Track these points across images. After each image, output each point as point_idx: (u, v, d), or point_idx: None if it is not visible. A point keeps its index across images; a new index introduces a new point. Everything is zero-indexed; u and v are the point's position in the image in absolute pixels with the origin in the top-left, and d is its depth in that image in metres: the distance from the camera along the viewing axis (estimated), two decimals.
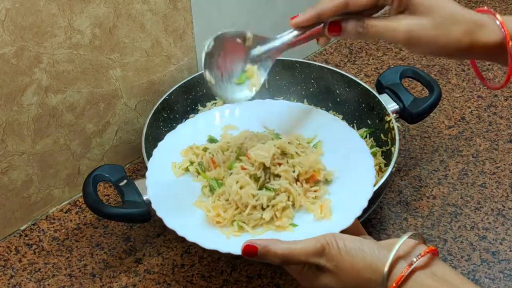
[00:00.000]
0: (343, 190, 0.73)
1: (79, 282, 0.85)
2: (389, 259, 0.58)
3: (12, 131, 0.84)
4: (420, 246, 0.61)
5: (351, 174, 0.74)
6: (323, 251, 0.61)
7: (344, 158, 0.75)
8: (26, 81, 0.81)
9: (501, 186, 0.97)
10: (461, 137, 1.05)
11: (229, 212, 0.70)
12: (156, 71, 0.96)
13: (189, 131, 0.82)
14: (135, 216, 0.78)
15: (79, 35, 0.83)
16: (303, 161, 0.73)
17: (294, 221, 0.70)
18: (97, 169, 0.82)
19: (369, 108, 0.96)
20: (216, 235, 0.69)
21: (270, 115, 0.82)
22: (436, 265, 0.59)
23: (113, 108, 0.94)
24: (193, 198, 0.75)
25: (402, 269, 0.58)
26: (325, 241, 0.61)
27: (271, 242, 0.62)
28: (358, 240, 0.61)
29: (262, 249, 0.62)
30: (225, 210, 0.71)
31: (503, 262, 0.87)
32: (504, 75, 1.17)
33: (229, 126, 0.82)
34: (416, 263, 0.58)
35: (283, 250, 0.61)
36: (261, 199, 0.70)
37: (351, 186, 0.72)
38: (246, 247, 0.62)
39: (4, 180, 0.86)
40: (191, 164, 0.78)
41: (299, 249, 0.61)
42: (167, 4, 0.91)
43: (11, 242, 0.90)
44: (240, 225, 0.70)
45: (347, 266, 0.60)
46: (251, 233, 0.69)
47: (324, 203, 0.71)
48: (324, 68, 1.00)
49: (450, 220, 0.92)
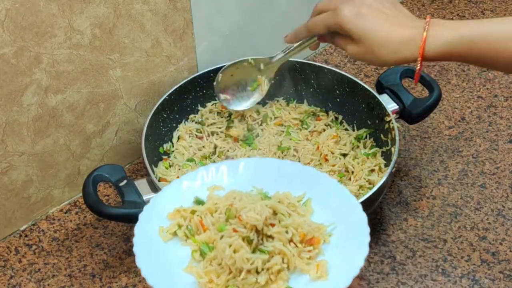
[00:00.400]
0: (338, 249, 0.70)
1: (79, 282, 0.85)
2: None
3: (12, 131, 0.84)
4: None
5: (344, 231, 0.71)
6: None
7: (335, 215, 0.72)
8: (26, 81, 0.81)
9: (501, 187, 0.97)
10: (461, 137, 1.05)
11: (222, 278, 0.67)
12: (156, 71, 0.96)
13: (175, 193, 0.77)
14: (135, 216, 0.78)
15: (79, 35, 0.83)
16: (296, 221, 0.71)
17: (289, 284, 0.67)
18: (97, 169, 0.82)
19: (369, 108, 0.96)
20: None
21: (257, 174, 0.78)
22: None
23: (113, 108, 0.94)
24: (183, 263, 0.71)
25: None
26: None
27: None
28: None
29: None
30: (218, 276, 0.68)
31: (503, 263, 0.87)
32: (504, 76, 1.17)
33: (215, 186, 0.78)
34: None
35: None
36: (255, 262, 0.67)
37: (345, 245, 0.69)
38: None
39: (4, 180, 0.86)
40: (179, 227, 0.74)
41: None
42: (167, 4, 0.91)
43: (11, 242, 0.90)
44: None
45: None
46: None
47: (320, 264, 0.68)
48: (324, 68, 1.00)
49: (450, 221, 0.92)
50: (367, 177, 0.90)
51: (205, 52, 1.01)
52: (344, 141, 0.96)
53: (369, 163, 0.92)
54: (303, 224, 0.70)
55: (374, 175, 0.90)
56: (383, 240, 0.90)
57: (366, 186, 0.89)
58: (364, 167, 0.91)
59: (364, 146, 0.96)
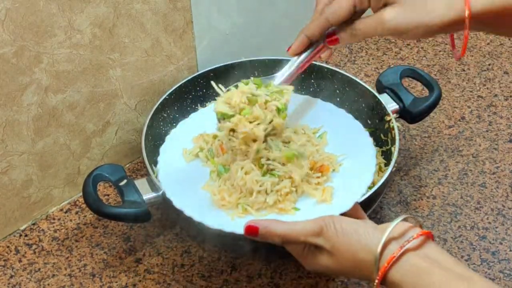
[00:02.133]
0: (345, 178, 0.76)
1: (79, 282, 0.85)
2: (381, 241, 0.60)
3: (12, 130, 0.84)
4: (415, 229, 0.62)
5: (353, 163, 0.78)
6: (321, 231, 0.63)
7: (347, 148, 0.79)
8: (26, 81, 0.81)
9: (501, 186, 0.97)
10: (461, 137, 1.05)
11: (234, 196, 0.74)
12: (156, 71, 0.96)
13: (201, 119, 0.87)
14: (135, 216, 0.78)
15: (79, 35, 0.83)
16: (309, 150, 0.78)
17: (296, 205, 0.73)
18: (97, 169, 0.82)
19: (369, 108, 0.96)
20: (221, 216, 0.73)
21: None
22: (429, 247, 0.60)
23: (113, 108, 0.94)
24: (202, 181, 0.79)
25: (394, 250, 0.59)
26: (323, 222, 0.63)
27: (272, 222, 0.65)
28: (355, 223, 0.63)
29: (263, 229, 0.65)
30: (230, 194, 0.74)
31: (503, 262, 0.87)
32: (504, 75, 1.17)
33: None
34: (408, 245, 0.59)
35: (283, 230, 0.64)
36: (265, 184, 0.73)
37: (352, 174, 0.76)
38: (248, 227, 0.65)
39: (4, 180, 0.86)
40: (201, 150, 0.83)
41: (298, 229, 0.64)
42: (167, 4, 0.91)
43: (11, 242, 0.90)
44: (244, 208, 0.73)
45: (343, 247, 0.62)
46: (255, 215, 0.72)
47: (326, 189, 0.74)
48: (324, 68, 1.00)
49: (450, 220, 0.92)
50: None
51: (205, 51, 1.01)
52: None
53: None
54: (315, 153, 0.77)
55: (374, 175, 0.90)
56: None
57: None
58: None
59: None
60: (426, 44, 1.25)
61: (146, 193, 0.80)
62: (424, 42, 1.26)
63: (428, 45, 1.25)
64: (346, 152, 0.79)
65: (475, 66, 1.20)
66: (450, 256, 0.61)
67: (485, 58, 1.21)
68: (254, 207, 0.72)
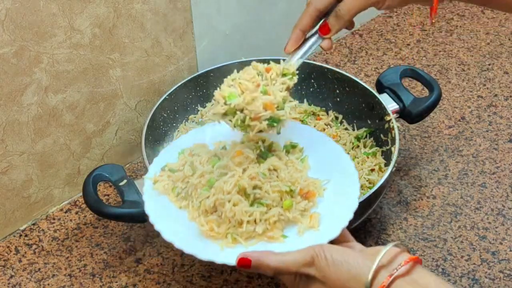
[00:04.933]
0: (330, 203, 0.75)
1: (79, 282, 0.85)
2: (371, 270, 0.60)
3: (12, 130, 0.84)
4: (403, 255, 0.62)
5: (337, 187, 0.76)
6: (313, 262, 0.64)
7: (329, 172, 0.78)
8: (26, 81, 0.81)
9: (501, 186, 0.97)
10: (461, 137, 1.05)
11: (223, 227, 0.72)
12: (156, 71, 0.96)
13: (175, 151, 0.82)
14: (135, 216, 0.78)
15: (79, 35, 0.83)
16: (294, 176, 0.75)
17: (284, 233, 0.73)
18: (97, 169, 0.82)
19: (369, 108, 0.96)
20: (211, 247, 0.71)
21: None
22: (418, 273, 0.61)
23: (113, 108, 0.94)
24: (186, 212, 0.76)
25: (384, 278, 0.60)
26: (314, 253, 0.64)
27: (264, 254, 0.66)
28: (344, 252, 0.64)
29: (256, 262, 0.65)
30: (219, 225, 0.73)
31: (503, 262, 0.87)
32: (504, 75, 1.17)
33: (219, 142, 0.82)
34: (397, 272, 0.60)
35: (275, 262, 0.65)
36: (254, 214, 0.72)
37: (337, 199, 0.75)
38: (241, 260, 0.66)
39: (4, 180, 0.86)
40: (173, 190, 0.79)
41: (290, 260, 0.64)
42: (167, 4, 0.91)
43: (11, 242, 0.90)
44: (234, 237, 0.72)
45: (333, 277, 0.63)
46: (244, 245, 0.71)
47: (313, 215, 0.73)
48: (324, 68, 1.00)
49: (450, 220, 0.92)
50: (367, 177, 0.90)
51: (205, 51, 1.01)
52: (344, 141, 0.96)
53: (369, 163, 0.92)
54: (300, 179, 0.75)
55: (374, 175, 0.91)
56: (383, 239, 0.90)
57: (366, 185, 0.89)
58: (364, 166, 0.92)
59: (364, 145, 0.96)
60: (426, 44, 1.25)
61: None
62: (424, 42, 1.26)
63: (428, 45, 1.25)
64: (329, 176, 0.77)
65: (475, 66, 1.20)
66: (437, 278, 0.61)
67: (485, 58, 1.21)
68: (243, 237, 0.71)
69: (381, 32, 1.29)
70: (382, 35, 1.28)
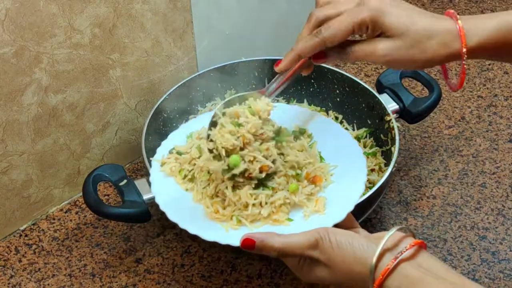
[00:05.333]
0: (337, 188, 0.76)
1: (79, 282, 0.85)
2: (376, 253, 0.61)
3: (12, 131, 0.84)
4: (408, 239, 0.63)
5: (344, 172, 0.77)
6: (317, 244, 0.64)
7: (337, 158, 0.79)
8: (26, 81, 0.81)
9: (501, 186, 0.97)
10: (461, 137, 1.05)
11: (228, 209, 0.73)
12: (156, 71, 0.96)
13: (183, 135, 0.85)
14: (135, 216, 0.78)
15: (79, 35, 0.83)
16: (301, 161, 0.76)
17: (290, 216, 0.74)
18: (97, 169, 0.82)
19: (369, 108, 0.96)
20: (215, 228, 0.72)
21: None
22: (422, 257, 0.61)
23: (113, 108, 0.94)
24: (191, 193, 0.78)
25: (388, 261, 0.60)
26: (318, 235, 0.64)
27: (268, 235, 0.66)
28: (349, 235, 0.64)
29: (260, 243, 0.65)
30: (224, 207, 0.74)
31: (503, 262, 0.87)
32: (504, 75, 1.17)
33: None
34: (401, 256, 0.60)
35: (279, 243, 0.65)
36: (259, 197, 0.73)
37: (344, 184, 0.76)
38: (245, 240, 0.66)
39: (4, 180, 0.86)
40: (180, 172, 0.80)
41: (294, 242, 0.64)
42: (167, 4, 0.91)
43: (11, 242, 0.90)
44: (238, 219, 0.73)
45: (338, 260, 0.63)
46: (249, 227, 0.72)
47: (319, 199, 0.74)
48: (324, 68, 1.00)
49: (450, 220, 0.92)
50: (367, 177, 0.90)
51: (205, 51, 1.01)
52: None
53: (369, 163, 0.92)
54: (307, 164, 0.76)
55: (374, 175, 0.90)
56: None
57: (366, 185, 0.89)
58: None
59: (364, 145, 0.96)
60: None
61: (146, 193, 0.80)
62: None
63: None
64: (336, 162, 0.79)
65: (475, 66, 1.20)
66: (443, 264, 0.61)
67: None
68: (248, 219, 0.72)
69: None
70: None
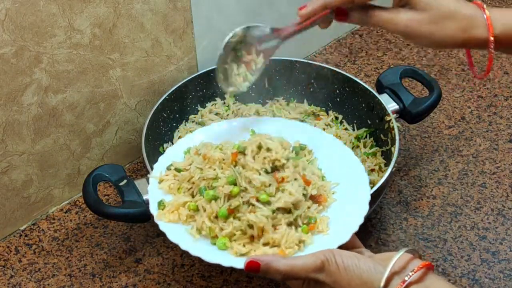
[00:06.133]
0: (340, 207, 0.73)
1: (79, 282, 0.85)
2: (384, 276, 0.59)
3: (12, 131, 0.84)
4: (415, 261, 0.61)
5: (347, 190, 0.75)
6: (323, 267, 0.62)
7: (339, 175, 0.77)
8: (26, 81, 0.81)
9: (501, 186, 0.97)
10: (461, 137, 1.05)
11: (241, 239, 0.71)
12: (156, 71, 0.96)
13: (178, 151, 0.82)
14: (135, 216, 0.78)
15: (79, 35, 0.83)
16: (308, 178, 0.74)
17: None
18: (97, 169, 0.82)
19: (369, 108, 0.96)
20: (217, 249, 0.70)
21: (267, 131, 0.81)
22: (430, 279, 0.60)
23: (113, 108, 0.94)
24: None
25: (397, 285, 0.59)
26: (324, 258, 0.62)
27: (273, 258, 0.64)
28: (355, 257, 0.63)
29: (265, 266, 0.64)
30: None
31: (503, 262, 0.87)
32: (504, 75, 1.17)
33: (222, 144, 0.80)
34: (410, 279, 0.59)
35: (284, 266, 0.63)
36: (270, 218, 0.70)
37: (347, 203, 0.73)
38: (249, 263, 0.64)
39: (4, 180, 0.86)
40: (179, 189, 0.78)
41: (299, 265, 0.63)
42: (167, 4, 0.91)
43: (11, 242, 0.90)
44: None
45: (344, 283, 0.61)
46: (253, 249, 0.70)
47: (322, 219, 0.72)
48: (324, 68, 1.00)
49: (450, 220, 0.92)
50: None
51: (205, 51, 1.01)
52: (344, 141, 0.96)
53: (369, 163, 0.92)
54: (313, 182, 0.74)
55: (374, 175, 0.90)
56: (383, 239, 0.90)
57: None
58: (364, 166, 0.91)
59: (364, 145, 0.96)
60: None
61: (146, 193, 0.80)
62: None
63: None
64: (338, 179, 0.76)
65: (475, 66, 1.19)
66: (451, 285, 0.61)
67: (485, 58, 1.21)
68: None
69: (381, 32, 1.29)
70: (382, 35, 1.28)
